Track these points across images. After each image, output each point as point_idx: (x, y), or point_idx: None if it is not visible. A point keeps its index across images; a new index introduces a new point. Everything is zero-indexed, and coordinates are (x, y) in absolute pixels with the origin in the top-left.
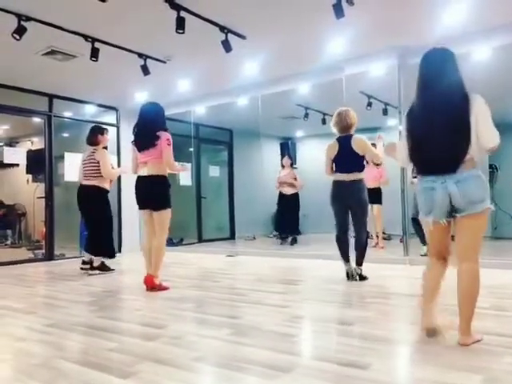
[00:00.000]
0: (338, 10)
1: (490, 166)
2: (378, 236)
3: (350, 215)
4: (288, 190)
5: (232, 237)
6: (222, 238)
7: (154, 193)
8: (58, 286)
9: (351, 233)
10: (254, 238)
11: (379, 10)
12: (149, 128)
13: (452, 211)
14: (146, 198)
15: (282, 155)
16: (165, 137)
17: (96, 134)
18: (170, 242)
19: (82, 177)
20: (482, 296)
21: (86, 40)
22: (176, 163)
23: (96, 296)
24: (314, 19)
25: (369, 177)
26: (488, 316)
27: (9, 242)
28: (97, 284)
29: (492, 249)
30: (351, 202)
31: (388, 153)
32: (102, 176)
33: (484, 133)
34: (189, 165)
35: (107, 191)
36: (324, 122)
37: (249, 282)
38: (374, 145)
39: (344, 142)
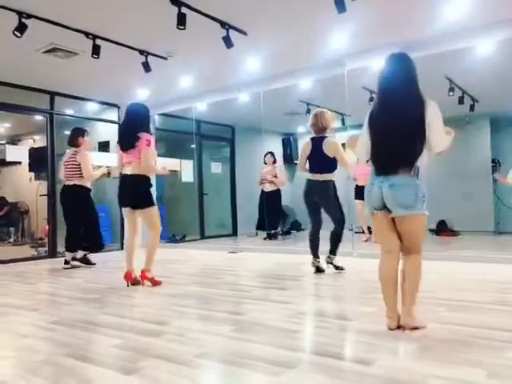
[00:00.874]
0: (340, 5)
1: (493, 161)
2: (370, 231)
3: (321, 213)
4: (267, 187)
5: (234, 233)
6: (224, 234)
7: (137, 191)
8: (61, 283)
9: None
10: (257, 234)
11: (381, 5)
12: (131, 129)
13: (385, 207)
14: (129, 196)
15: (284, 151)
16: (144, 137)
17: (77, 135)
18: (173, 239)
19: (65, 178)
20: (485, 291)
21: (87, 37)
22: (158, 166)
23: (99, 293)
24: (316, 14)
25: (361, 174)
26: (491, 311)
27: (12, 240)
28: (100, 281)
29: (495, 243)
30: (319, 200)
31: (350, 145)
32: (83, 176)
33: (434, 138)
34: (171, 162)
35: (89, 189)
36: None
37: (251, 279)
38: (344, 145)
39: (317, 143)
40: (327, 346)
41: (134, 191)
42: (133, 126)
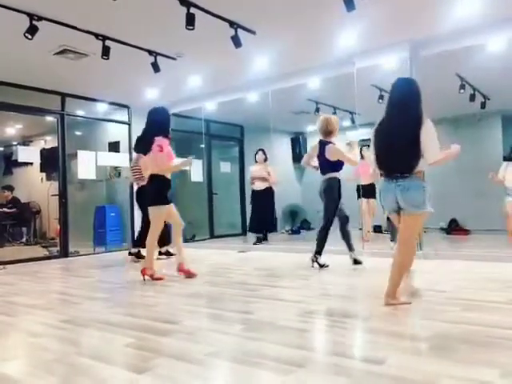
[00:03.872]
0: (349, 3)
1: (505, 158)
2: (368, 230)
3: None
4: (259, 185)
5: (244, 233)
6: (233, 233)
7: (148, 191)
8: (73, 283)
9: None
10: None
11: (391, 2)
12: (148, 133)
13: (399, 208)
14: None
15: (293, 150)
16: (156, 143)
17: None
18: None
19: (134, 180)
20: (498, 290)
21: (97, 38)
22: (175, 161)
23: (110, 292)
24: (325, 12)
25: (365, 173)
26: (504, 310)
27: (24, 240)
28: (111, 280)
29: (507, 242)
30: (322, 196)
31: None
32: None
33: (427, 152)
34: (190, 157)
35: None
36: None
37: (261, 278)
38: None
39: (322, 147)
40: (337, 344)
41: (147, 190)
42: (149, 132)
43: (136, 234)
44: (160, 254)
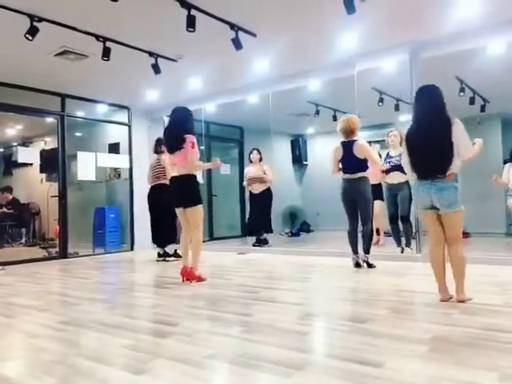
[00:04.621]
0: (350, 6)
1: (505, 162)
2: (378, 233)
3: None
4: (257, 188)
5: (243, 234)
6: (233, 235)
7: (183, 192)
8: (72, 284)
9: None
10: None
11: (391, 5)
12: (175, 131)
13: (432, 207)
14: (178, 197)
15: (293, 152)
16: (189, 139)
17: (160, 144)
18: None
19: (152, 179)
20: (497, 293)
21: (98, 40)
22: (201, 162)
23: (109, 293)
24: (325, 15)
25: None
26: (502, 313)
27: (23, 241)
28: (110, 282)
29: (506, 245)
30: (355, 196)
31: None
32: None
33: (462, 149)
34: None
35: None
36: (335, 118)
37: (260, 280)
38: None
39: (347, 146)
40: (337, 347)
41: (181, 192)
42: (177, 129)
43: (149, 235)
44: (168, 255)
